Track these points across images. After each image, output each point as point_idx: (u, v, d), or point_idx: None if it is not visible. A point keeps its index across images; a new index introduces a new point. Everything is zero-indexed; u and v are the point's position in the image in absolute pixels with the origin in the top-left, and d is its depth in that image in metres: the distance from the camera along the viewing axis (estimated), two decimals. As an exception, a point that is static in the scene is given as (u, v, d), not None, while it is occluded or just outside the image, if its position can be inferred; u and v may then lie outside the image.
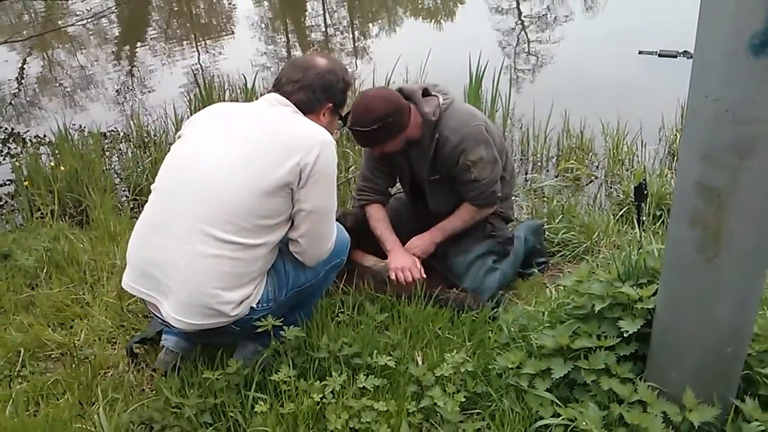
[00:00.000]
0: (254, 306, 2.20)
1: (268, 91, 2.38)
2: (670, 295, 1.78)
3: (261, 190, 2.10)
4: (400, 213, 3.18)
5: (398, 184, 3.26)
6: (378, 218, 3.07)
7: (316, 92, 2.33)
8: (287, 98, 2.31)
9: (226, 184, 2.12)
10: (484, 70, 5.26)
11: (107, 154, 5.37)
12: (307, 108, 2.33)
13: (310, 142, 2.17)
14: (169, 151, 2.35)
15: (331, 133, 2.33)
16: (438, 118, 2.84)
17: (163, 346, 2.44)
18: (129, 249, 2.30)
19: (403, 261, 2.90)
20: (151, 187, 2.32)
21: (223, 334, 2.24)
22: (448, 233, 3.00)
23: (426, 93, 2.92)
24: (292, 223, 2.23)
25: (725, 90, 1.49)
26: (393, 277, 2.86)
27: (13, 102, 7.68)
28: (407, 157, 3.00)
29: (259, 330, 2.15)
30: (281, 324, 2.18)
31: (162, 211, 2.22)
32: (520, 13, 10.34)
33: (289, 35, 10.79)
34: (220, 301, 2.12)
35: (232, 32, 10.98)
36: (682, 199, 1.68)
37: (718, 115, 1.51)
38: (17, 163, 5.00)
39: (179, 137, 2.35)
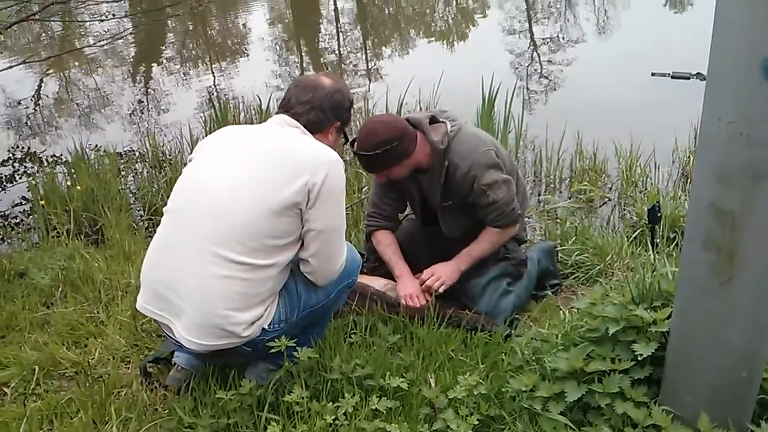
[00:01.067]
0: (266, 327, 2.21)
1: (276, 112, 2.42)
2: (684, 318, 1.78)
3: (269, 210, 2.12)
4: (414, 235, 3.18)
5: (408, 208, 3.27)
6: (386, 244, 3.08)
7: (325, 112, 2.37)
8: (297, 119, 2.34)
9: (236, 204, 2.14)
10: (496, 93, 5.28)
11: (123, 173, 5.43)
12: (316, 128, 2.36)
13: (318, 162, 2.19)
14: (183, 172, 2.39)
15: (338, 152, 2.36)
16: (446, 146, 2.84)
17: (175, 363, 2.45)
18: (143, 270, 2.32)
19: (412, 288, 2.91)
20: (164, 209, 2.35)
21: (235, 355, 2.25)
22: (476, 259, 2.96)
23: (434, 120, 2.92)
24: (302, 244, 2.25)
25: (739, 113, 1.50)
26: (403, 303, 2.87)
27: (29, 122, 7.79)
28: (417, 183, 3.01)
29: (272, 351, 2.15)
30: (294, 344, 2.18)
31: (174, 232, 2.25)
32: (532, 34, 10.39)
33: (303, 56, 10.90)
34: (231, 322, 2.13)
35: (247, 54, 11.09)
36: (696, 222, 1.68)
37: (732, 137, 1.51)
38: (33, 182, 5.07)
39: (190, 160, 2.38)
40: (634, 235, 3.77)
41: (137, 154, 5.99)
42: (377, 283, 2.99)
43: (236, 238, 2.12)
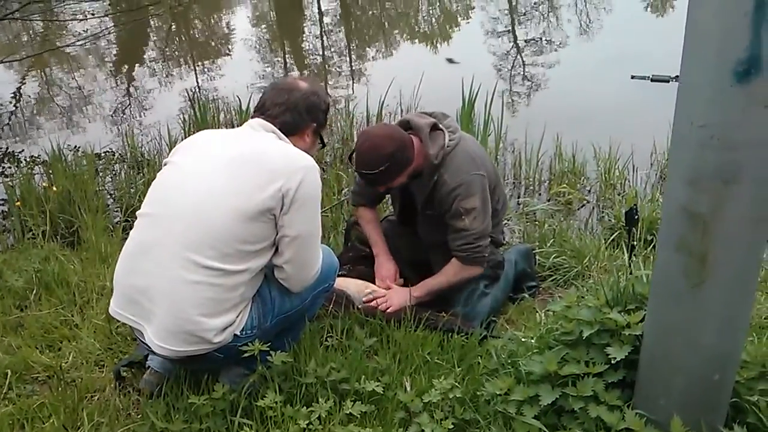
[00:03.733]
0: (238, 333, 2.19)
1: (251, 116, 2.40)
2: (656, 321, 1.78)
3: (242, 215, 2.10)
4: (392, 234, 3.19)
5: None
6: (367, 220, 3.17)
7: (301, 113, 2.36)
8: (272, 121, 2.32)
9: (208, 209, 2.12)
10: (476, 94, 5.27)
11: (101, 174, 5.36)
12: (291, 129, 2.35)
13: (293, 167, 2.17)
14: (157, 176, 2.36)
15: (312, 155, 2.34)
16: (441, 161, 2.83)
17: (149, 366, 2.43)
18: (115, 275, 2.30)
19: (386, 270, 3.00)
20: (137, 213, 2.33)
21: (206, 360, 2.23)
22: (431, 292, 2.94)
23: (434, 127, 2.90)
24: (277, 249, 2.23)
25: (710, 116, 1.51)
26: (370, 304, 2.88)
27: (10, 121, 7.70)
28: (406, 188, 3.01)
29: (246, 355, 2.13)
30: (268, 349, 2.16)
31: (146, 237, 2.23)
32: (515, 37, 10.42)
33: (287, 57, 10.85)
34: (202, 328, 2.11)
35: (230, 54, 11.03)
36: (669, 225, 1.69)
37: (703, 141, 1.52)
38: (10, 184, 5.00)
39: (166, 164, 2.36)
40: (611, 238, 3.79)
41: (116, 154, 5.93)
42: (351, 285, 2.97)
43: (209, 242, 2.10)
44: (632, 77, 6.60)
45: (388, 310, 2.84)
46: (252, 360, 2.19)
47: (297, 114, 2.35)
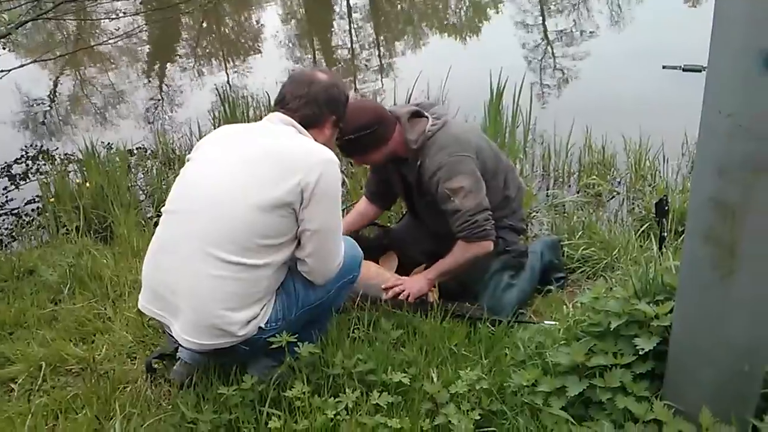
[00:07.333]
0: (263, 326, 2.21)
1: (272, 109, 2.40)
2: (685, 312, 1.76)
3: (260, 208, 2.11)
4: (410, 229, 3.21)
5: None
6: (356, 209, 3.30)
7: (321, 106, 2.35)
8: (292, 115, 2.32)
9: (226, 204, 2.14)
10: (504, 86, 5.22)
11: (133, 170, 5.46)
12: (312, 122, 2.34)
13: (311, 161, 2.17)
14: (180, 172, 2.39)
15: (331, 147, 2.35)
16: (421, 146, 2.82)
17: (179, 358, 2.47)
18: (143, 270, 2.34)
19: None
20: (162, 210, 2.36)
21: (233, 353, 2.25)
22: (443, 273, 2.91)
23: (417, 114, 2.89)
24: (299, 243, 2.24)
25: (738, 105, 1.48)
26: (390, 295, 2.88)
27: (45, 120, 7.84)
28: (401, 174, 3.01)
29: (273, 347, 2.15)
30: (295, 341, 2.18)
31: (170, 233, 2.26)
32: (545, 28, 10.32)
33: (316, 53, 10.88)
34: (226, 321, 2.13)
35: (260, 51, 11.10)
36: (697, 216, 1.67)
37: (732, 130, 1.50)
38: (45, 181, 5.11)
39: (188, 160, 2.38)
40: (642, 229, 3.74)
41: (148, 151, 6.02)
42: (372, 274, 2.96)
43: (228, 237, 2.12)
44: (663, 67, 6.47)
45: (409, 299, 2.84)
46: (279, 351, 2.20)
47: (317, 107, 2.34)
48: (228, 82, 8.66)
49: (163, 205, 2.36)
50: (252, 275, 2.15)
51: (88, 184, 4.75)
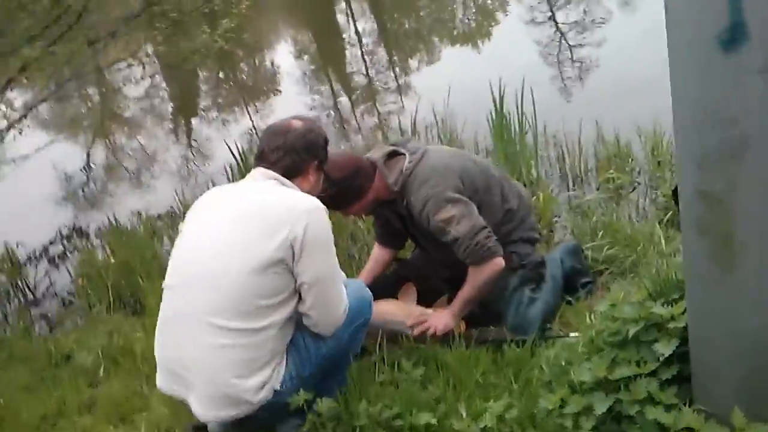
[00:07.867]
0: (277, 388, 2.18)
1: (254, 165, 2.40)
2: (695, 310, 1.69)
3: (252, 270, 2.10)
4: (426, 262, 3.15)
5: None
6: (372, 256, 3.26)
7: (300, 154, 2.34)
8: (273, 168, 2.31)
9: (218, 270, 2.13)
10: (503, 93, 5.09)
11: (156, 236, 5.48)
12: (294, 172, 2.33)
13: (296, 213, 2.16)
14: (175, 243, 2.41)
15: (316, 193, 2.36)
16: (402, 186, 2.80)
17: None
18: (155, 351, 2.35)
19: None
20: (162, 285, 2.36)
21: (255, 421, 2.22)
22: (466, 302, 2.83)
23: (395, 154, 2.88)
24: (299, 297, 2.22)
25: (704, 91, 1.44)
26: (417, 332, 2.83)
27: (85, 192, 7.93)
28: (397, 214, 2.96)
29: (291, 407, 2.12)
30: (311, 398, 2.15)
31: (171, 310, 2.27)
32: (557, 23, 10.19)
33: (333, 84, 10.91)
34: (239, 389, 2.11)
35: (279, 90, 11.20)
36: (688, 208, 1.60)
37: (703, 117, 1.45)
38: (78, 259, 5.19)
39: (180, 231, 2.40)
40: (666, 218, 3.62)
41: (176, 212, 6.05)
42: (396, 310, 2.91)
43: (225, 304, 2.11)
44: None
45: (435, 335, 2.78)
46: (302, 411, 2.18)
47: (296, 154, 2.33)
48: (253, 126, 8.66)
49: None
50: (255, 339, 2.13)
51: (112, 260, 4.81)
